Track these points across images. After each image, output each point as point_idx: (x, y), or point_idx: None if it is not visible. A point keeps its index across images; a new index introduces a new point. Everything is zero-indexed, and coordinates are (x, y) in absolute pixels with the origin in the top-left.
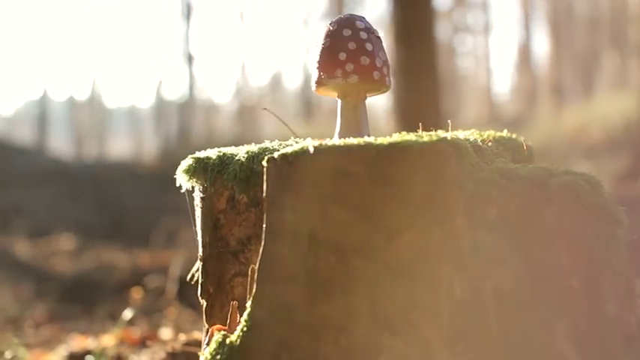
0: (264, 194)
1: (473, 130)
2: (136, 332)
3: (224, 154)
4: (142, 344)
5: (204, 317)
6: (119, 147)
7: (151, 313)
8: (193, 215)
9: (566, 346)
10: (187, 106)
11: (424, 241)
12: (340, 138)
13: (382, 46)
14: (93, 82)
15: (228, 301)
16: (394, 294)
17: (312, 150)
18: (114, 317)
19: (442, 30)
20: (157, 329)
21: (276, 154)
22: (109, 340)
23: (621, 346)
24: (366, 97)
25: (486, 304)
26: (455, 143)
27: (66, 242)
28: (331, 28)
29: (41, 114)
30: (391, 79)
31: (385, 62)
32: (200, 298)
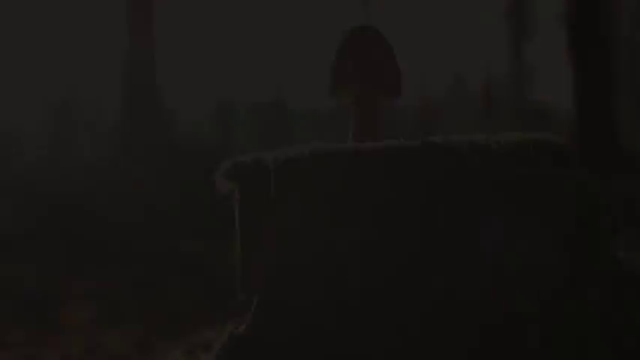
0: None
1: (516, 133)
2: None
3: (258, 157)
4: None
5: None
6: None
7: None
8: (232, 216)
9: (538, 345)
10: None
11: (404, 242)
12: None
13: (393, 55)
14: (277, 85)
15: None
16: (384, 289)
17: (308, 154)
18: None
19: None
20: None
21: (281, 158)
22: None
23: (600, 345)
24: (377, 104)
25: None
26: (436, 147)
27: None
28: (343, 37)
29: (227, 117)
30: (401, 86)
31: (394, 70)
32: (239, 293)
